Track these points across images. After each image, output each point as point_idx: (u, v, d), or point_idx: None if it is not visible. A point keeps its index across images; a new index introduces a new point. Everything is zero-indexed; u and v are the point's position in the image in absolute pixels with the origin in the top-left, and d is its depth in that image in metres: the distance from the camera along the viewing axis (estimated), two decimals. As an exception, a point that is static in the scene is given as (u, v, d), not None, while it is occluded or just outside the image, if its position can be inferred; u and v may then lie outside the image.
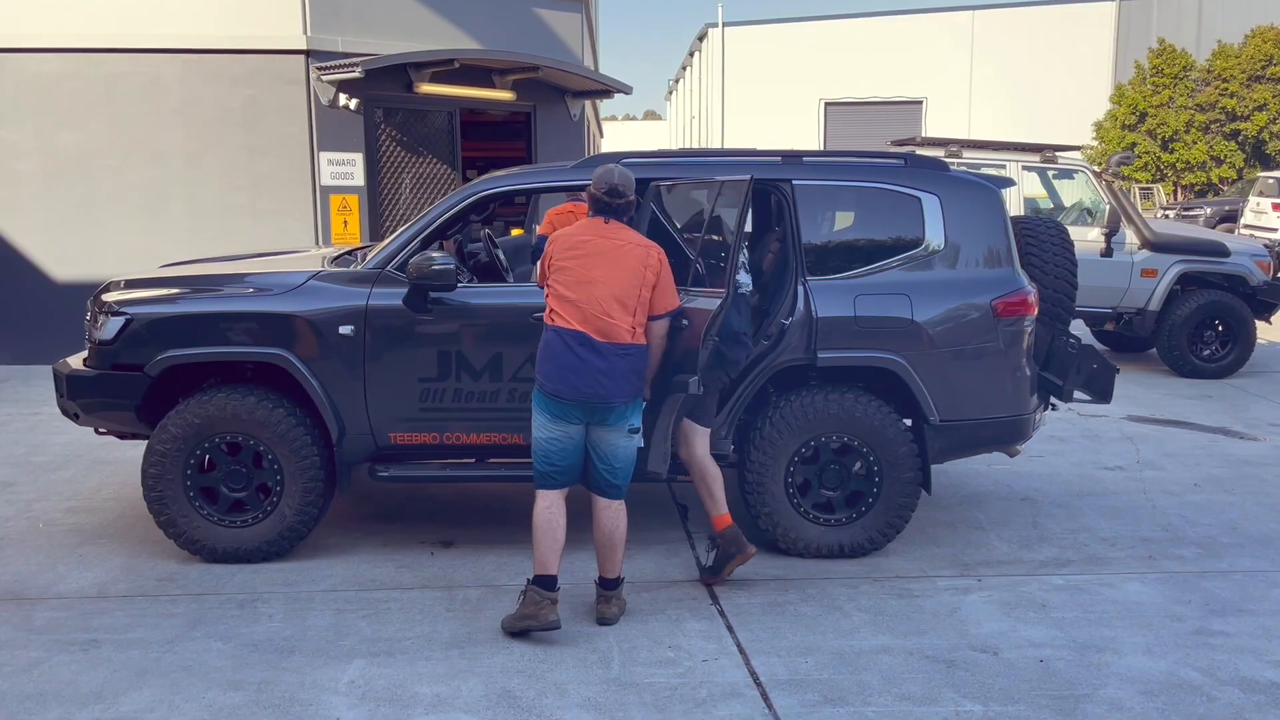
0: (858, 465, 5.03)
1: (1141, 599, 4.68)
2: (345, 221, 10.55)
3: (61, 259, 10.34)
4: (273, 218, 10.43)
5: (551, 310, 4.24)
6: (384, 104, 10.76)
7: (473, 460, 5.20)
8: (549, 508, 4.27)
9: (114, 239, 10.31)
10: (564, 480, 4.30)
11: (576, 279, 4.19)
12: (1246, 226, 19.98)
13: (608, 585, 4.41)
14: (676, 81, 59.78)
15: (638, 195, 4.48)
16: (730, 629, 4.34)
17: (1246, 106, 29.58)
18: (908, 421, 5.10)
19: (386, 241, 5.28)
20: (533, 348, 4.46)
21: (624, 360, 4.18)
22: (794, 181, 5.06)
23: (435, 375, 4.97)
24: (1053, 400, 5.60)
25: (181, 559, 5.06)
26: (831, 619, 4.44)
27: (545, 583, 4.23)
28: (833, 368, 5.01)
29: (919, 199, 5.10)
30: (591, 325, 4.16)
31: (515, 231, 10.31)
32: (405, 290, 4.92)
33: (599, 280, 4.17)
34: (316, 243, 10.38)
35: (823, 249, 5.08)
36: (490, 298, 5.20)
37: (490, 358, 4.97)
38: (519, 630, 4.24)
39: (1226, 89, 29.79)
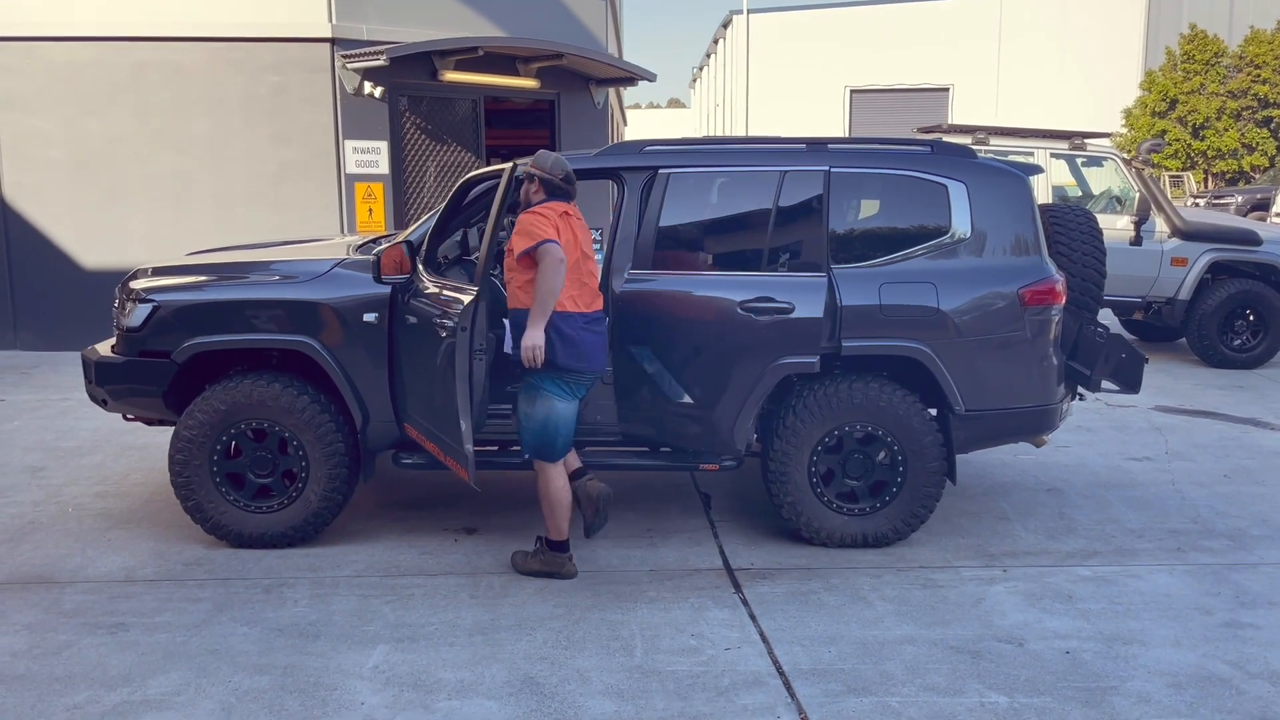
0: (882, 455, 5.00)
1: (1170, 591, 4.63)
2: (370, 210, 10.59)
3: (89, 246, 10.45)
4: (298, 206, 10.49)
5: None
6: (409, 92, 10.78)
7: (495, 447, 5.21)
8: (561, 477, 4.64)
9: (141, 226, 10.41)
10: (568, 449, 4.68)
11: (576, 258, 4.48)
12: (1279, 215, 19.69)
13: (563, 548, 4.74)
14: (701, 69, 59.57)
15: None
16: (753, 618, 4.34)
17: (1279, 93, 29.13)
18: (933, 411, 5.07)
19: (410, 230, 5.28)
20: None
21: None
22: (818, 169, 5.02)
23: (411, 371, 4.92)
24: (1080, 390, 5.55)
25: (208, 544, 5.11)
26: (855, 609, 4.42)
27: (564, 546, 4.73)
28: (857, 356, 4.98)
29: (945, 186, 5.05)
30: (594, 299, 4.57)
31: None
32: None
33: (590, 255, 4.58)
34: (341, 231, 10.44)
35: (847, 237, 5.04)
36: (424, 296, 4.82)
37: (425, 360, 4.74)
38: (537, 574, 4.71)
39: (1259, 75, 29.37)
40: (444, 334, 4.47)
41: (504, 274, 4.81)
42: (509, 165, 4.65)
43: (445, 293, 4.63)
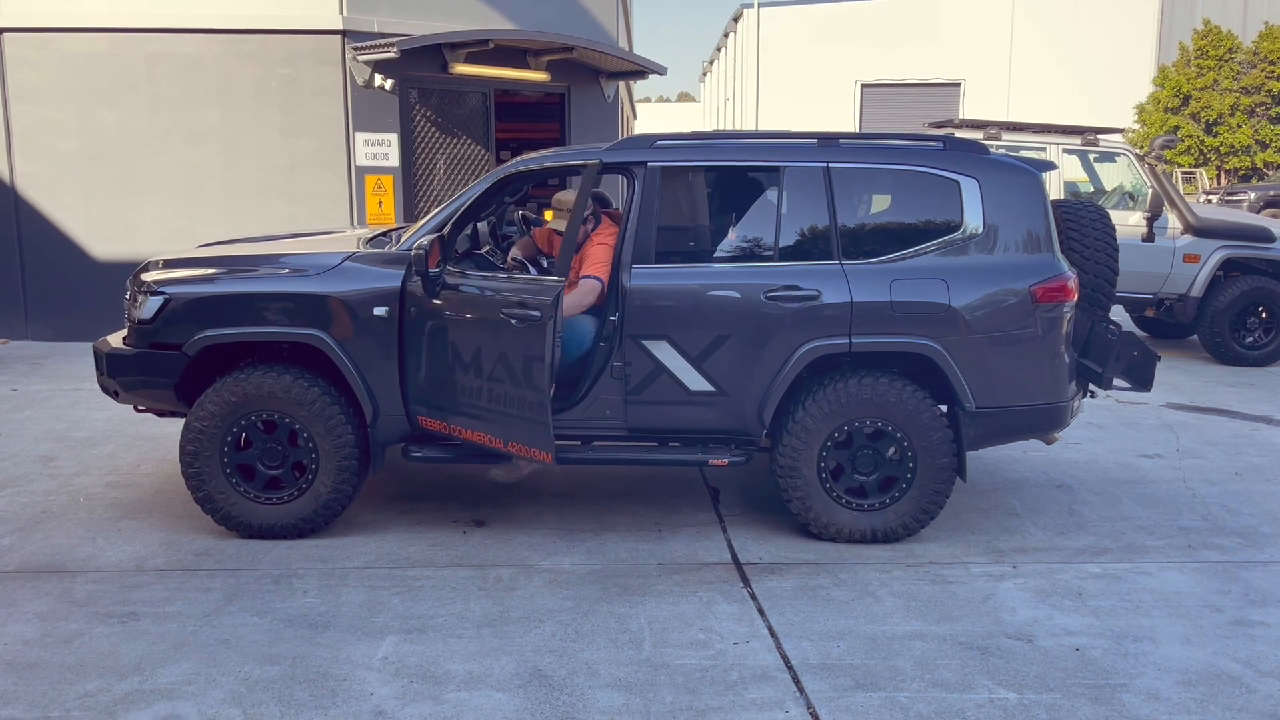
0: (891, 450, 4.99)
1: (1180, 588, 4.62)
2: (380, 202, 10.60)
3: (101, 237, 10.48)
4: (309, 198, 10.51)
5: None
6: (419, 84, 10.79)
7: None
8: None
9: (153, 218, 10.44)
10: None
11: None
12: (1292, 212, 19.56)
13: None
14: (711, 63, 59.41)
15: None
16: (761, 612, 4.34)
17: (1294, 89, 28.91)
18: (943, 407, 5.06)
19: (421, 223, 5.29)
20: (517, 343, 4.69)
21: None
22: (830, 165, 5.02)
23: (442, 362, 4.94)
24: (1091, 387, 5.53)
25: (218, 534, 5.13)
26: (864, 604, 4.42)
27: None
28: (868, 353, 4.98)
29: (957, 182, 5.03)
30: None
31: (549, 215, 10.31)
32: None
33: None
34: (352, 223, 10.45)
35: (858, 232, 5.03)
36: (480, 286, 4.89)
37: (474, 349, 4.81)
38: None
39: (1273, 71, 29.16)
40: (515, 322, 4.60)
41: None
42: (593, 162, 4.87)
43: (512, 283, 4.74)
